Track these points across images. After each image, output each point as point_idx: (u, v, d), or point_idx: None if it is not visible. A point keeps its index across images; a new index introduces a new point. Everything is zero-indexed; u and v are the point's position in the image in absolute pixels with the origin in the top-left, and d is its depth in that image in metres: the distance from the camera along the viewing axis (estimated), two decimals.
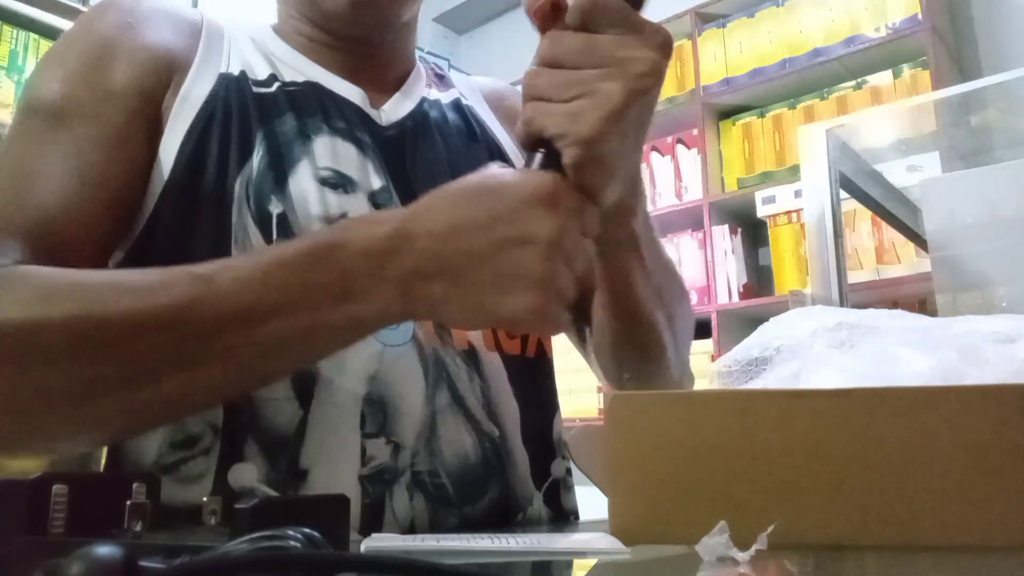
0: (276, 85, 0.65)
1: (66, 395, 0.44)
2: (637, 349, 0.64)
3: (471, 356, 0.63)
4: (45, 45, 2.11)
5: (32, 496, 0.29)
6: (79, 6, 2.09)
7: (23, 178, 0.55)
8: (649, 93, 0.45)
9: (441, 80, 0.79)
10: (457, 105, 0.75)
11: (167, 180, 0.59)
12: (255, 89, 0.64)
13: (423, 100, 0.72)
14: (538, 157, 0.45)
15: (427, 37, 3.49)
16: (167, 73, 0.61)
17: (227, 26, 0.68)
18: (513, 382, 0.65)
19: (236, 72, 0.64)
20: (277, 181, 0.60)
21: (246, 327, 0.44)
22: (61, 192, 0.54)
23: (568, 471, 0.70)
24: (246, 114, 0.62)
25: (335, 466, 0.55)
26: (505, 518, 0.62)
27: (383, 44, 0.71)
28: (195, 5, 2.26)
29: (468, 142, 0.72)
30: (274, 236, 0.58)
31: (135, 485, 0.31)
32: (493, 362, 0.64)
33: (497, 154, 0.74)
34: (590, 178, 0.45)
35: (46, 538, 0.29)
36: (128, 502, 0.31)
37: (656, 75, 0.45)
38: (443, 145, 0.70)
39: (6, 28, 2.04)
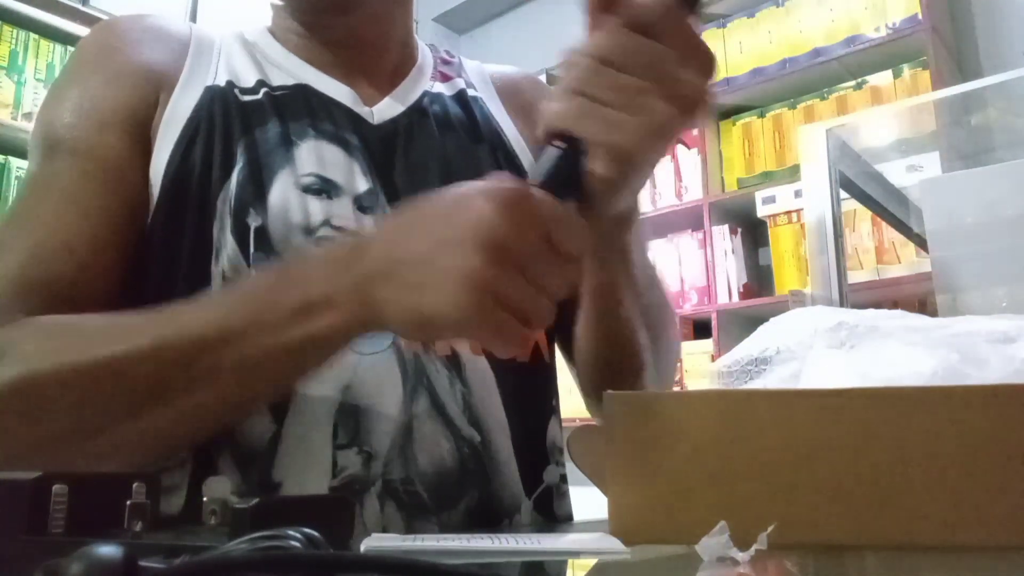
0: (263, 91, 0.64)
1: (68, 438, 0.48)
2: (615, 368, 0.63)
3: (453, 361, 0.62)
4: (45, 45, 2.11)
5: (32, 496, 0.29)
6: (79, 6, 2.09)
7: (31, 228, 0.56)
8: (694, 120, 0.43)
9: (449, 68, 0.77)
10: (461, 97, 0.74)
11: (157, 200, 0.60)
12: (241, 98, 0.64)
13: (424, 94, 0.71)
14: (554, 152, 0.43)
15: (427, 37, 3.48)
16: (154, 93, 0.62)
17: (218, 36, 0.68)
18: (502, 387, 0.64)
19: (223, 83, 0.64)
20: (257, 193, 0.60)
21: (216, 350, 0.46)
22: (66, 236, 0.56)
23: (563, 477, 0.69)
24: (229, 126, 0.62)
25: (306, 478, 0.55)
26: (487, 523, 0.60)
27: (366, 32, 0.70)
28: (195, 10, 2.26)
29: (469, 137, 0.70)
30: (251, 250, 0.58)
31: (135, 485, 0.31)
32: (478, 367, 0.63)
33: (500, 150, 0.71)
34: (605, 189, 0.43)
35: (46, 538, 0.29)
36: (128, 502, 0.31)
37: (704, 104, 0.43)
38: (440, 142, 0.68)
39: (6, 28, 2.04)
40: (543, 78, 3.07)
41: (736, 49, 2.58)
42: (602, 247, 0.53)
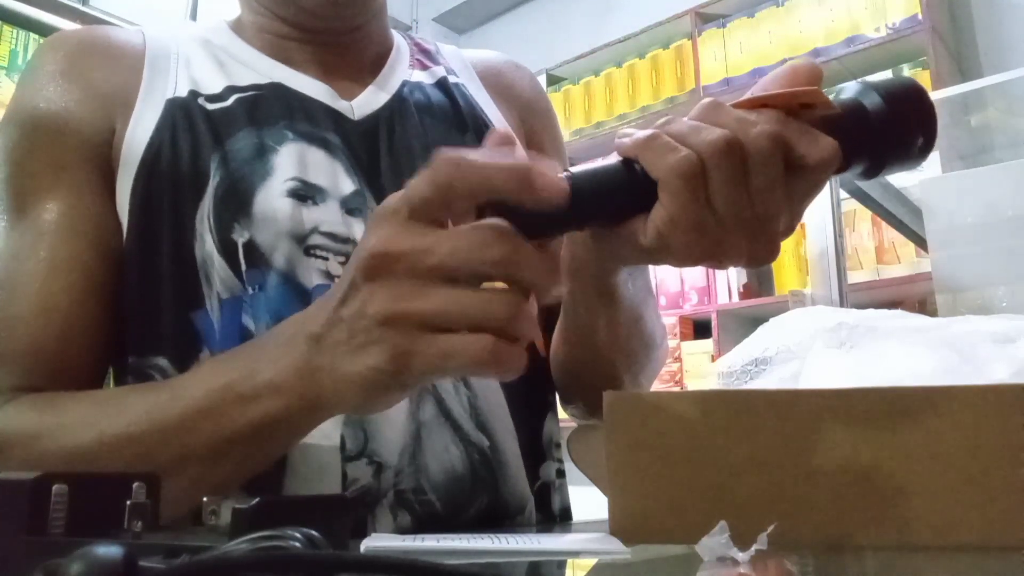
0: (233, 98, 0.61)
1: None
2: (585, 387, 0.62)
3: None
4: None
5: (32, 496, 0.29)
6: (79, 6, 2.09)
7: (8, 298, 0.55)
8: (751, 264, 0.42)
9: (427, 56, 0.74)
10: (443, 84, 0.71)
11: (127, 226, 0.58)
12: (208, 106, 0.60)
13: (403, 84, 0.68)
14: (614, 167, 0.39)
15: (427, 37, 3.49)
16: (109, 119, 0.59)
17: (174, 40, 0.65)
18: (506, 387, 0.62)
19: (184, 93, 0.61)
20: (240, 205, 0.57)
21: (180, 438, 0.45)
22: (40, 297, 0.55)
23: (560, 472, 0.69)
24: (197, 141, 0.59)
25: (317, 492, 0.54)
26: (495, 526, 0.60)
27: (357, 30, 0.68)
28: (195, 9, 2.26)
29: (454, 126, 0.68)
30: (243, 267, 0.56)
31: (135, 485, 0.31)
32: None
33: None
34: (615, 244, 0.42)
35: (46, 538, 0.29)
36: (128, 502, 0.31)
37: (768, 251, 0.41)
38: (423, 133, 0.65)
39: (6, 28, 2.04)
40: (543, 78, 3.07)
41: (736, 49, 2.58)
42: (582, 286, 0.50)
